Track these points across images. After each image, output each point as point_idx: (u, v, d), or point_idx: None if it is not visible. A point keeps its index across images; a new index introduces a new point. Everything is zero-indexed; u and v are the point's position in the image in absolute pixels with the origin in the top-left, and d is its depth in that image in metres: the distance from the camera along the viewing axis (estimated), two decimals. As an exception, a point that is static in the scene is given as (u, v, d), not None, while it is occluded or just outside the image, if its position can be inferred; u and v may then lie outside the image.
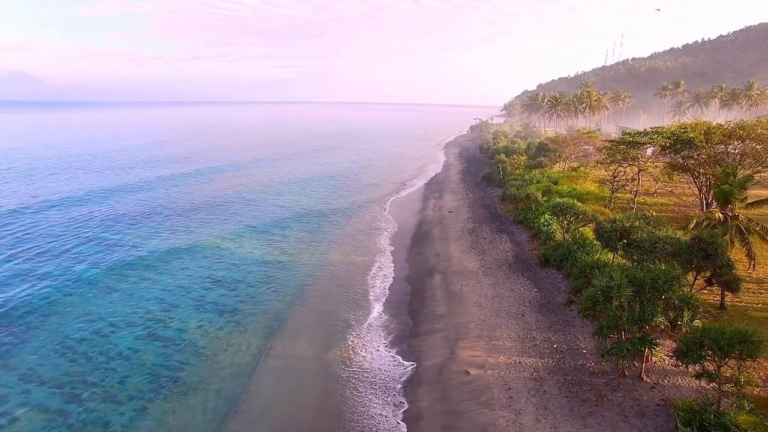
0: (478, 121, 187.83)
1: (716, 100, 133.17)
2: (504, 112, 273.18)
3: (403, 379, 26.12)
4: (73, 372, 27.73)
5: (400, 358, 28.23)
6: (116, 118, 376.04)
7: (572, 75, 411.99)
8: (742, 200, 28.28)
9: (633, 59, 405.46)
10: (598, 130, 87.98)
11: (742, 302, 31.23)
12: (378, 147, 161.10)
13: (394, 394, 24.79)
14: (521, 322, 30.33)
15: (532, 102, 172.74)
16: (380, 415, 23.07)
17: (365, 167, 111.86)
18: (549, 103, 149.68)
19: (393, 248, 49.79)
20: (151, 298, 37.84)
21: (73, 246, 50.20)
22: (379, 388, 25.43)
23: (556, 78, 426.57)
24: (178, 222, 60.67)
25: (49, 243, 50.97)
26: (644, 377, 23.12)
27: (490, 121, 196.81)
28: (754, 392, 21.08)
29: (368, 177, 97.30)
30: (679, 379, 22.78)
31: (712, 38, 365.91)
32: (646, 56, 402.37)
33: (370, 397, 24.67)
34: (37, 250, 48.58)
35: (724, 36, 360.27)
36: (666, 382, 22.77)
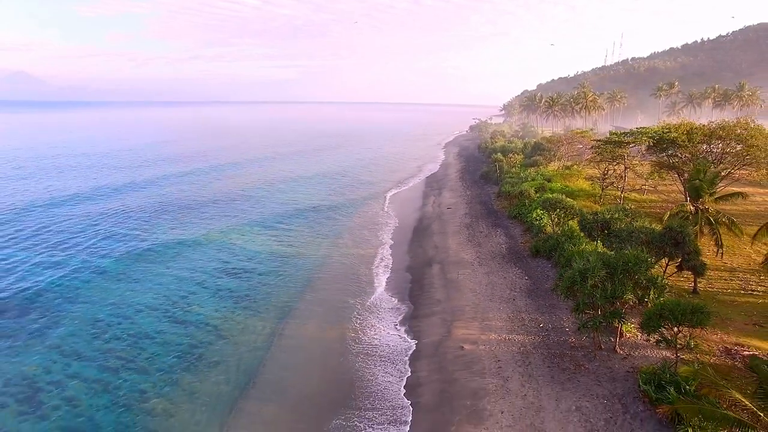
0: (477, 121, 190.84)
1: (709, 100, 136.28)
2: (503, 112, 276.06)
3: (404, 353, 29.12)
4: (106, 349, 30.72)
5: (403, 336, 31.24)
6: (119, 118, 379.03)
7: (572, 75, 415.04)
8: (711, 194, 31.19)
9: (632, 59, 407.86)
10: (592, 129, 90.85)
11: (714, 288, 34.29)
12: (378, 146, 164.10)
13: (397, 366, 27.81)
14: (512, 306, 33.33)
15: (530, 102, 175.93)
16: (386, 381, 26.09)
17: (366, 166, 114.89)
18: (546, 103, 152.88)
19: (394, 242, 52.79)
20: (169, 287, 40.82)
21: (92, 239, 53.22)
22: (384, 360, 28.45)
23: (556, 78, 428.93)
24: (189, 217, 63.69)
25: (69, 236, 54.00)
26: (618, 350, 26.10)
27: (489, 121, 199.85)
28: (711, 360, 24.11)
29: (369, 175, 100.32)
30: (648, 351, 25.76)
31: (711, 38, 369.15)
32: (645, 56, 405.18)
33: (375, 368, 27.69)
34: (59, 242, 51.65)
35: (724, 36, 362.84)
36: (636, 353, 25.74)
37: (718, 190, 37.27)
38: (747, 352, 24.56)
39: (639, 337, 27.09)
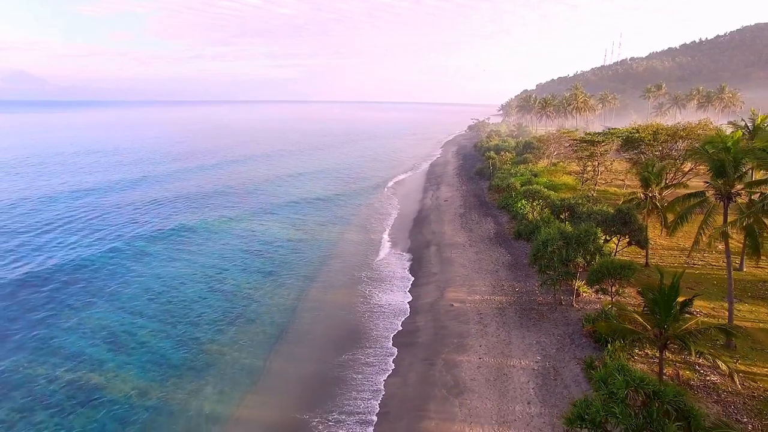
0: (475, 121, 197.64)
1: (694, 101, 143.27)
2: (501, 112, 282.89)
3: (405, 310, 36.16)
4: (162, 310, 37.71)
5: (404, 299, 38.26)
6: (124, 118, 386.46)
7: (571, 74, 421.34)
8: (657, 184, 37.98)
9: (631, 59, 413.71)
10: (576, 130, 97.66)
11: (664, 263, 41.17)
12: (381, 145, 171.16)
13: (400, 318, 34.84)
14: (494, 276, 40.35)
15: (526, 103, 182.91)
16: (391, 328, 33.14)
17: (370, 163, 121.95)
18: (540, 104, 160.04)
19: (397, 228, 59.82)
20: (204, 264, 47.77)
21: (130, 225, 60.26)
22: (388, 315, 35.49)
23: (555, 77, 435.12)
24: (213, 207, 70.86)
25: (110, 222, 61.05)
26: (574, 305, 33.10)
27: (487, 121, 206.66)
28: (634, 302, 31.08)
29: (373, 171, 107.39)
30: (598, 306, 32.73)
31: (709, 38, 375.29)
32: (644, 56, 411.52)
33: (381, 320, 34.73)
34: (101, 226, 58.73)
35: (721, 36, 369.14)
36: (588, 307, 32.72)
37: (681, 182, 44.09)
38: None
39: (592, 296, 34.09)
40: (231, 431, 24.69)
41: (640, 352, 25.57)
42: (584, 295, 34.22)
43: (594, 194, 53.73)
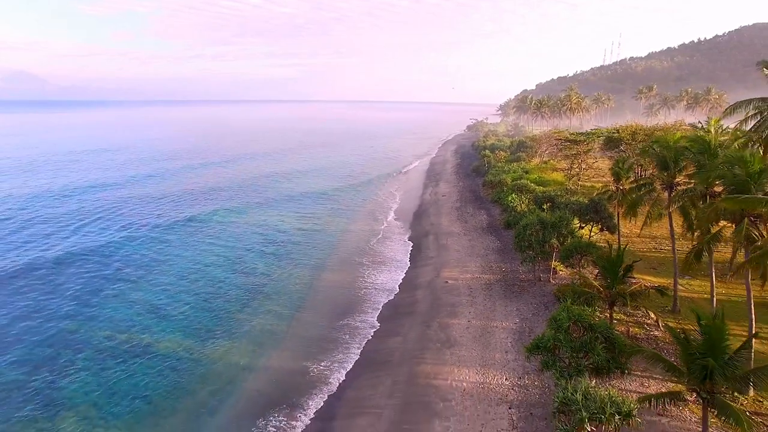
0: (474, 121, 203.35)
1: (683, 102, 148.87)
2: (500, 112, 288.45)
3: (407, 285, 41.75)
4: (194, 287, 43.13)
5: (407, 277, 43.81)
6: (129, 117, 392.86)
7: (571, 74, 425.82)
8: (627, 178, 43.44)
9: (630, 59, 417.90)
10: (567, 129, 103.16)
11: (636, 249, 46.65)
12: (383, 144, 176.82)
13: (402, 291, 40.43)
14: (484, 259, 45.91)
15: (522, 104, 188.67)
16: (395, 296, 38.79)
17: (372, 162, 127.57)
18: (535, 105, 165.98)
19: (399, 220, 65.41)
20: (223, 250, 53.21)
21: (153, 216, 65.82)
22: (392, 290, 41.09)
23: (555, 77, 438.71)
24: (225, 199, 76.68)
25: (136, 212, 66.64)
26: (551, 281, 38.63)
27: (486, 121, 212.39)
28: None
29: (376, 170, 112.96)
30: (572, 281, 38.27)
31: (708, 38, 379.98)
32: (643, 55, 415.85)
33: (385, 293, 40.33)
34: (127, 216, 64.37)
35: (720, 36, 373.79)
36: (563, 283, 38.24)
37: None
38: (633, 279, 37.00)
39: (567, 274, 39.63)
40: (260, 377, 30.10)
41: (600, 315, 31.09)
42: (560, 272, 39.75)
43: (578, 188, 59.25)
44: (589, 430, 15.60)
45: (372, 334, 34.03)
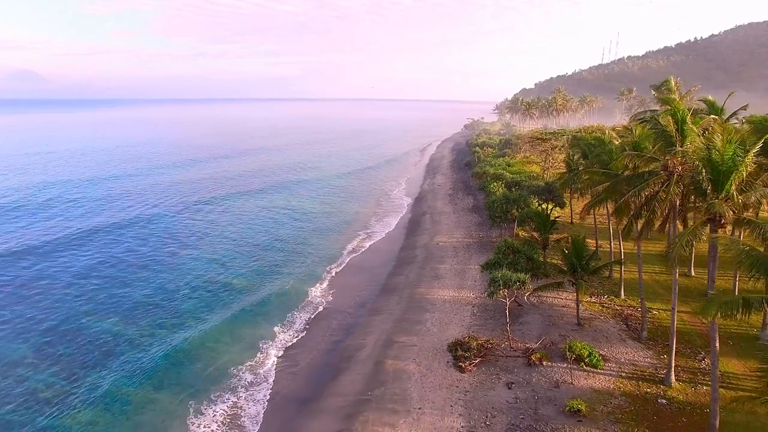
0: (470, 120, 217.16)
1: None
2: (497, 111, 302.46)
3: (408, 246, 55.82)
4: (241, 252, 57.13)
5: (408, 241, 57.85)
6: (141, 116, 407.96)
7: (569, 73, 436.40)
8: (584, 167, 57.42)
9: (628, 57, 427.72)
10: (545, 128, 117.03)
11: (587, 223, 60.55)
12: (385, 141, 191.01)
13: (404, 250, 54.53)
14: (468, 229, 59.97)
15: (514, 105, 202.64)
16: (400, 254, 53.01)
17: (376, 158, 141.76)
18: (525, 106, 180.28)
19: (400, 205, 79.48)
20: (252, 233, 66.90)
21: (193, 195, 79.87)
22: (398, 249, 55.21)
23: (554, 76, 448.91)
24: (247, 187, 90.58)
25: (178, 192, 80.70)
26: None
27: (482, 120, 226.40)
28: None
29: (379, 165, 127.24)
30: (528, 241, 52.24)
31: (704, 37, 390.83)
32: (640, 54, 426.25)
33: (393, 253, 54.46)
34: (170, 196, 78.43)
35: (716, 35, 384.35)
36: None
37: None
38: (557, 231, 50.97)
39: (527, 236, 53.56)
40: (323, 295, 44.09)
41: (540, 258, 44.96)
42: (522, 235, 53.73)
43: (548, 178, 73.18)
44: (504, 291, 29.58)
45: (385, 275, 48.09)
